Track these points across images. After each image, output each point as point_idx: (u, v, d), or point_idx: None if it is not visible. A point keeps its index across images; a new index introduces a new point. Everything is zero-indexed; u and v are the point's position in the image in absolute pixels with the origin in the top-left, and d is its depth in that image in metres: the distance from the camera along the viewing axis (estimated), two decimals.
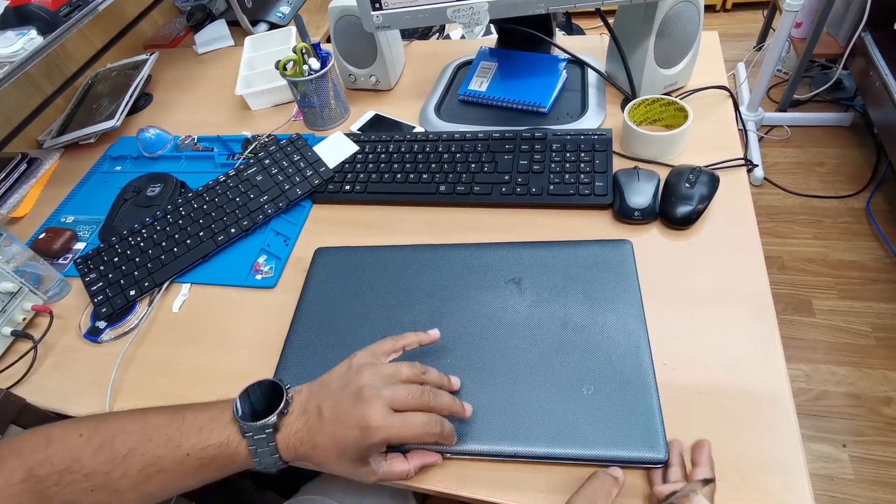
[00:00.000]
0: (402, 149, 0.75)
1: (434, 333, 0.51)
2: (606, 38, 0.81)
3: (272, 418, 0.43)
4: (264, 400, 0.46)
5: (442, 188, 0.70)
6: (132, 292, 0.68)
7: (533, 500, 0.45)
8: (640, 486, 0.45)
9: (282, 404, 0.44)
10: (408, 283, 0.60)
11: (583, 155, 0.68)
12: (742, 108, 1.80)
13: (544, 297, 0.55)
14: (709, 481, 0.41)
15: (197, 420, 0.45)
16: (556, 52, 0.85)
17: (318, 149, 0.79)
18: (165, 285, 0.69)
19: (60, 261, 0.77)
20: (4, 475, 0.43)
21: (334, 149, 0.79)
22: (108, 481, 0.43)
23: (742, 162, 0.66)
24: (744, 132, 1.77)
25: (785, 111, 1.80)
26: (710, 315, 0.54)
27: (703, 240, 0.61)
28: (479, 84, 0.83)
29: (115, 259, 0.71)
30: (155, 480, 0.44)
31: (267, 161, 0.78)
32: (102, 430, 0.45)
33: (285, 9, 1.22)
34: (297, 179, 0.75)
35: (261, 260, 0.70)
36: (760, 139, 1.79)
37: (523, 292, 0.56)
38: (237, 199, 0.75)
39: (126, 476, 0.43)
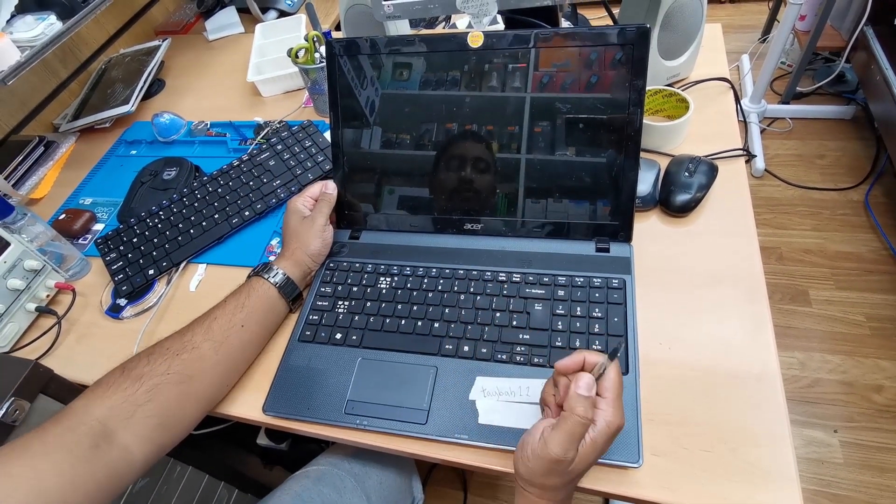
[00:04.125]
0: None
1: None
2: None
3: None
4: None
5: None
6: (151, 271, 0.71)
7: None
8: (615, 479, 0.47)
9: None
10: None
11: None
12: (745, 100, 1.81)
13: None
14: (616, 351, 0.42)
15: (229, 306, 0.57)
16: None
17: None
18: (182, 265, 0.72)
19: (80, 241, 0.80)
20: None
21: None
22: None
23: (741, 152, 0.68)
24: (745, 124, 1.78)
25: (788, 103, 1.81)
26: (705, 297, 0.57)
27: (700, 227, 0.63)
28: None
29: (135, 240, 0.74)
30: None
31: (279, 147, 0.80)
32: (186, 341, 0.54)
33: None
34: (309, 165, 0.78)
35: (274, 242, 0.72)
36: (763, 131, 1.80)
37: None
38: (251, 183, 0.77)
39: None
